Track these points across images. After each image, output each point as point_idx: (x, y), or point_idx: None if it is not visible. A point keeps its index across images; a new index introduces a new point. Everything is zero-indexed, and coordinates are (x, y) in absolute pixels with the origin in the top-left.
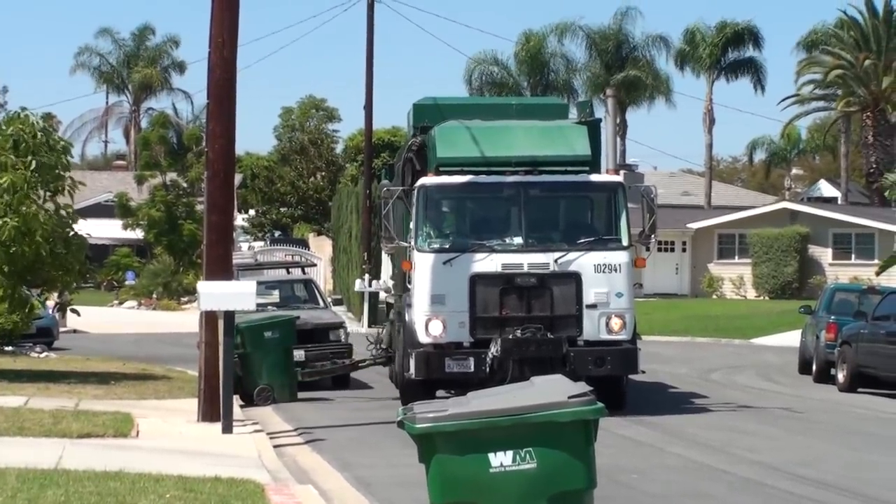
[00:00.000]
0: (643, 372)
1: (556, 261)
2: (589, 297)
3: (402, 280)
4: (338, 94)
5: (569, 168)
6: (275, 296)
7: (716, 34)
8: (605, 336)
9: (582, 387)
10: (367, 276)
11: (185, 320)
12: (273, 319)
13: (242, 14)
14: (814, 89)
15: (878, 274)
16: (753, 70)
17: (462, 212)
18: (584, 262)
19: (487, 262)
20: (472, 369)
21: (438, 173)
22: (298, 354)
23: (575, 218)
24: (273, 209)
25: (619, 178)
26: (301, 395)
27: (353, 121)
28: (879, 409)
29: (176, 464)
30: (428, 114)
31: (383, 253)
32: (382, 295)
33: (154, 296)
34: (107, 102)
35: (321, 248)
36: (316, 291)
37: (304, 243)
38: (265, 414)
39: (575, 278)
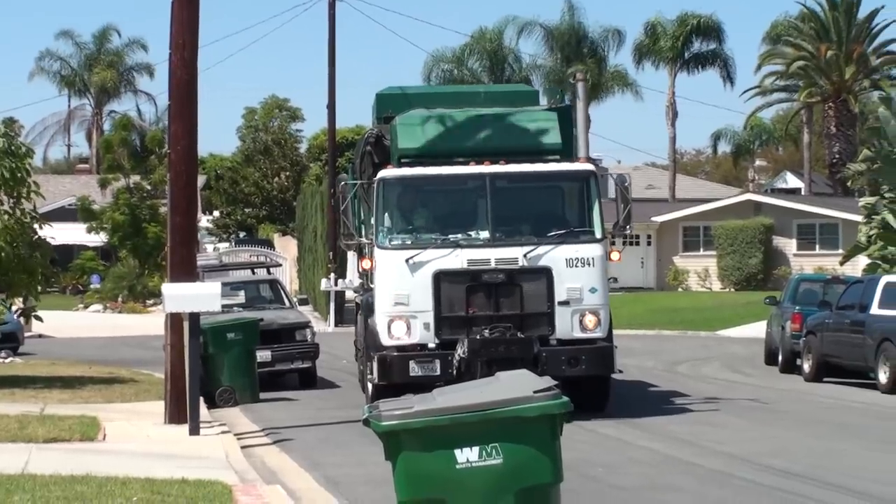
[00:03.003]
0: (620, 371)
1: (525, 255)
2: (561, 293)
3: (366, 278)
4: (301, 93)
5: (538, 157)
6: (240, 297)
7: (677, 27)
8: (578, 334)
9: (547, 381)
10: (332, 276)
11: (150, 323)
12: (236, 321)
13: (203, 15)
14: (775, 80)
15: (842, 264)
16: (720, 62)
17: (425, 205)
18: (555, 256)
19: (452, 259)
20: (438, 372)
21: (401, 165)
22: (265, 355)
23: (545, 209)
24: (237, 210)
25: (591, 167)
26: (267, 395)
27: (316, 120)
28: (845, 398)
29: (143, 466)
30: (392, 104)
31: (350, 251)
32: (350, 293)
33: (119, 299)
34: (69, 106)
35: (286, 248)
36: (281, 291)
37: (269, 244)
38: (232, 415)
39: (546, 274)
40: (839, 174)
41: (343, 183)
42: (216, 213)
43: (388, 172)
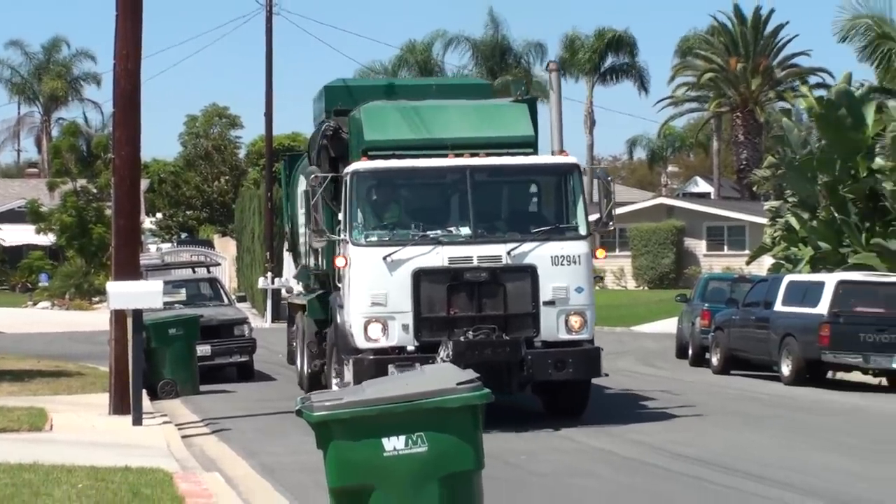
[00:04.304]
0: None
1: (509, 253)
2: (546, 292)
3: (318, 278)
4: (240, 101)
5: (511, 150)
6: (181, 294)
7: (595, 41)
8: (564, 336)
9: (469, 374)
10: (269, 275)
11: (96, 319)
12: (177, 317)
13: (146, 26)
14: (687, 91)
15: (748, 263)
16: (635, 74)
17: (401, 200)
18: (540, 253)
19: (432, 256)
20: None
21: (365, 158)
22: (205, 349)
23: (528, 205)
24: (179, 212)
25: (574, 160)
26: (207, 387)
27: (254, 127)
28: (751, 389)
29: (88, 455)
30: (342, 96)
31: (285, 251)
32: (285, 292)
33: (67, 296)
34: (19, 113)
35: (226, 249)
36: (221, 289)
37: (209, 244)
38: (174, 406)
39: (530, 272)
40: (746, 179)
41: (314, 176)
42: (159, 215)
43: (362, 165)
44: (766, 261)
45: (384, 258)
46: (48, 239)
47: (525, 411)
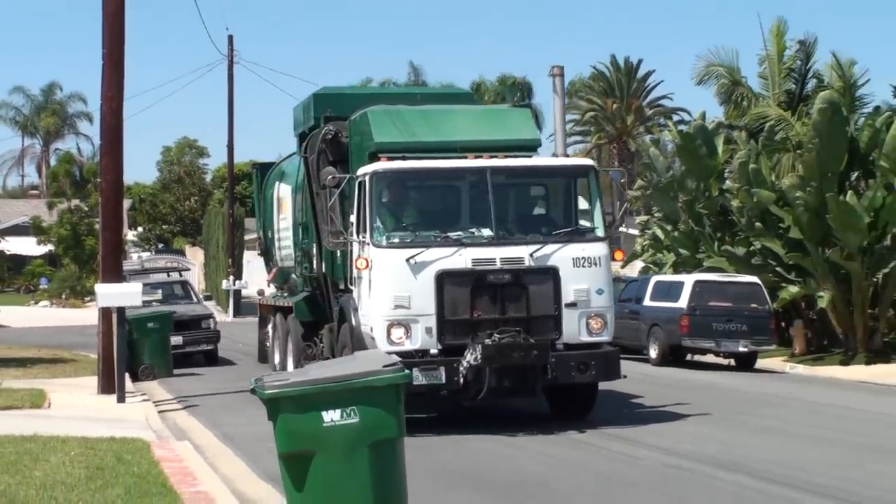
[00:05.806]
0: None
1: (531, 254)
2: (568, 294)
3: (310, 280)
4: (206, 133)
5: (517, 153)
6: (158, 294)
7: (498, 85)
8: (585, 338)
9: (393, 358)
10: (231, 278)
11: (87, 315)
12: (154, 313)
13: (127, 72)
14: (573, 126)
15: (622, 267)
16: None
17: (420, 201)
18: (561, 255)
19: (456, 258)
20: (444, 380)
21: (373, 161)
22: (177, 339)
23: (547, 206)
24: (157, 227)
25: (591, 161)
26: (179, 371)
27: (219, 155)
28: (626, 369)
29: (80, 428)
30: (331, 103)
31: (244, 258)
32: (256, 293)
33: (63, 297)
34: (22, 145)
35: (195, 256)
36: (190, 290)
37: (181, 253)
38: (151, 387)
39: (553, 274)
40: None
41: (331, 176)
42: (140, 229)
43: (381, 166)
44: (638, 264)
45: (407, 260)
46: (47, 249)
47: None
